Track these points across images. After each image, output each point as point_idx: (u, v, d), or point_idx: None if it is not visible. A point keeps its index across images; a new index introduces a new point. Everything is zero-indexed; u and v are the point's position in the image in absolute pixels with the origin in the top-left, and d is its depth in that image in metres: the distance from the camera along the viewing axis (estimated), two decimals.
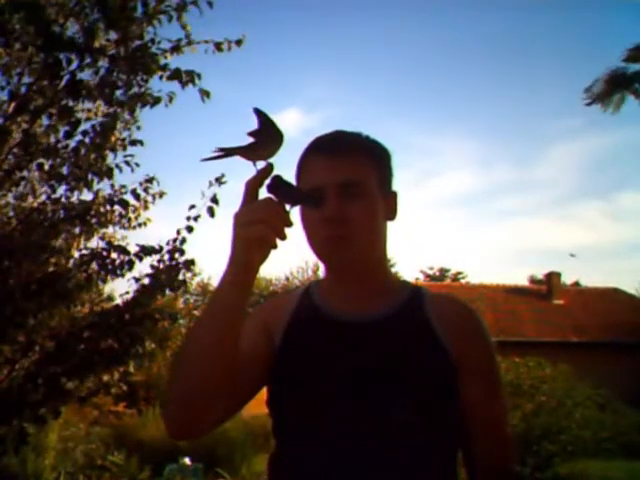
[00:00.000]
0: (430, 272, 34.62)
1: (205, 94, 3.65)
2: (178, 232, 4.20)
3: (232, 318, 1.08)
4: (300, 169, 1.32)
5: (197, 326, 1.15)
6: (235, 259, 1.06)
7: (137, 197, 4.24)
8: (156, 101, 3.76)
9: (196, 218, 4.17)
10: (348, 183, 1.26)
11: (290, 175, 1.28)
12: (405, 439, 1.20)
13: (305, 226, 1.28)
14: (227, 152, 1.08)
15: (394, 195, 1.36)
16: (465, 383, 1.25)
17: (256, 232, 1.02)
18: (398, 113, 42.76)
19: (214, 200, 4.12)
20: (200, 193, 4.12)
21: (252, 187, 1.05)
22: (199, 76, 3.61)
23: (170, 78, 3.61)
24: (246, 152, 1.06)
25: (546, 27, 40.90)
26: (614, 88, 12.36)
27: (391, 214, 1.35)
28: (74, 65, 3.35)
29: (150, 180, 4.28)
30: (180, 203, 4.71)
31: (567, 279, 26.63)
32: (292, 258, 28.73)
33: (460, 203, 46.01)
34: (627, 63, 12.42)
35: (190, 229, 4.20)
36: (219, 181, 4.12)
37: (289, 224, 1.04)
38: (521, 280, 31.32)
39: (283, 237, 1.03)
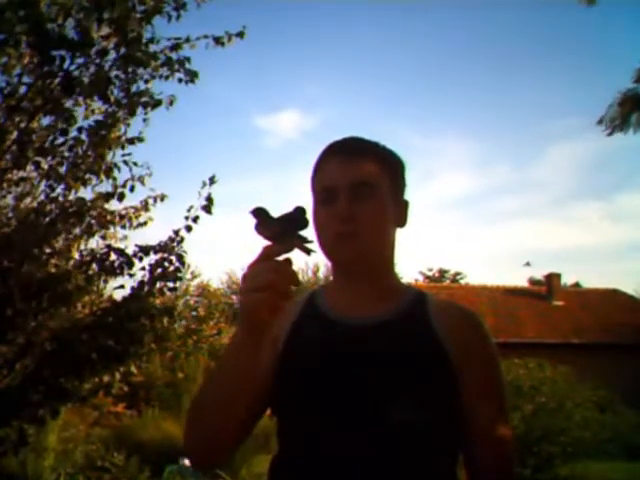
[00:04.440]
0: (429, 273, 34.63)
1: (194, 75, 3.68)
2: (177, 232, 4.20)
3: (242, 378, 1.16)
4: (316, 170, 1.36)
5: (210, 383, 1.25)
6: (242, 324, 1.14)
7: (131, 189, 4.24)
8: (157, 103, 3.77)
9: (195, 219, 4.19)
10: (360, 184, 1.29)
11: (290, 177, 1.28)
12: (406, 441, 1.21)
13: (316, 224, 1.31)
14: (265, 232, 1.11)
15: (405, 203, 1.39)
16: (466, 387, 1.25)
17: (259, 300, 1.06)
18: (397, 114, 42.81)
19: (209, 199, 4.16)
20: (197, 193, 4.14)
21: (268, 255, 1.08)
22: (188, 60, 3.66)
23: (163, 66, 3.62)
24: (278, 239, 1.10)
25: (546, 28, 41.00)
26: (629, 111, 12.17)
27: (401, 221, 1.38)
28: (67, 63, 3.34)
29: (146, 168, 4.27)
30: (178, 204, 4.71)
31: (567, 280, 26.68)
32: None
33: (459, 204, 46.03)
34: (637, 84, 12.21)
35: (189, 228, 4.20)
36: (212, 181, 4.15)
37: (295, 283, 1.07)
38: (520, 281, 31.31)
39: (288, 298, 1.07)
